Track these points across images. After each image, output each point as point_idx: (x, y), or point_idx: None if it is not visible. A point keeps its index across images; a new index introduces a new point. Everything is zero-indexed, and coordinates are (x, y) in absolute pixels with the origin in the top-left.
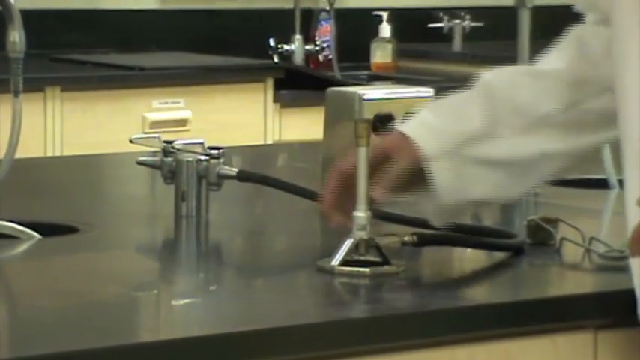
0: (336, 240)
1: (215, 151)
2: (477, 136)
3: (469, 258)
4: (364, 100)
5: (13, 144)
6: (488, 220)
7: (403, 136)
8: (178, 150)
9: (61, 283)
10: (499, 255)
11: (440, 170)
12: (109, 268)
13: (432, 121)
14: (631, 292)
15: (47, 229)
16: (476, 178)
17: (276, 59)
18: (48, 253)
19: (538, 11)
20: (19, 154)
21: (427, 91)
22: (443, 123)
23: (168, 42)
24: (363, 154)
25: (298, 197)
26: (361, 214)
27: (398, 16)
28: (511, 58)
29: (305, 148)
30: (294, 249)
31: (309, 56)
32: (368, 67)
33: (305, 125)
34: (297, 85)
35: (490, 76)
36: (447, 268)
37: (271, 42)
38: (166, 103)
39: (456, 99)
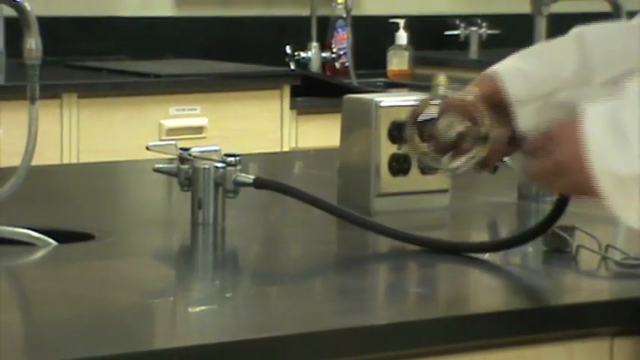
0: (349, 247)
1: (231, 158)
2: (566, 83)
3: (485, 265)
4: (381, 107)
5: (29, 151)
6: (505, 228)
7: (492, 79)
8: (195, 157)
9: (77, 290)
10: (516, 262)
11: (525, 114)
12: (125, 275)
13: (521, 65)
14: None
15: (63, 236)
16: None
17: (292, 66)
18: (64, 260)
19: (554, 19)
20: (36, 161)
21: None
22: (533, 68)
23: (185, 49)
24: None
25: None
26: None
27: (414, 23)
28: None
29: (321, 155)
30: (310, 256)
31: (326, 63)
32: (384, 75)
33: (321, 132)
34: (314, 92)
35: (581, 28)
36: (463, 275)
37: (288, 49)
38: (183, 110)
39: (546, 46)
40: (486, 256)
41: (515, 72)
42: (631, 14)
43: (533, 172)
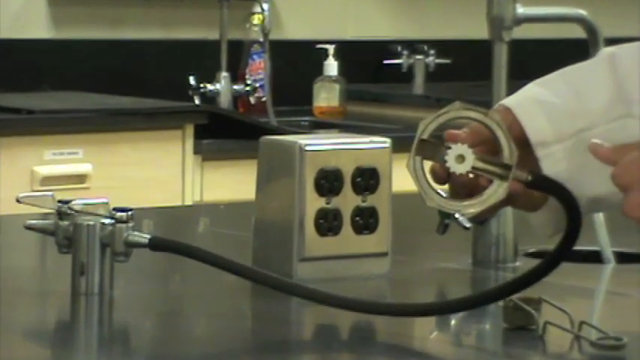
0: (267, 323)
1: (122, 214)
2: (600, 117)
3: (433, 345)
4: (306, 151)
5: None
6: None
7: (507, 113)
8: (76, 211)
9: None
10: (470, 342)
11: (549, 157)
12: None
13: (543, 95)
14: None
15: None
16: (595, 167)
17: (197, 101)
18: None
19: (518, 46)
20: None
21: (382, 141)
22: (557, 99)
23: (64, 79)
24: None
25: (222, 271)
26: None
27: (347, 49)
28: (485, 103)
29: (233, 210)
30: (218, 334)
31: (238, 98)
32: (310, 112)
33: (232, 182)
34: (223, 133)
35: (614, 48)
36: (405, 357)
37: (192, 80)
38: (61, 154)
39: (571, 72)
40: (434, 334)
41: (536, 105)
42: (610, 41)
43: (631, 208)
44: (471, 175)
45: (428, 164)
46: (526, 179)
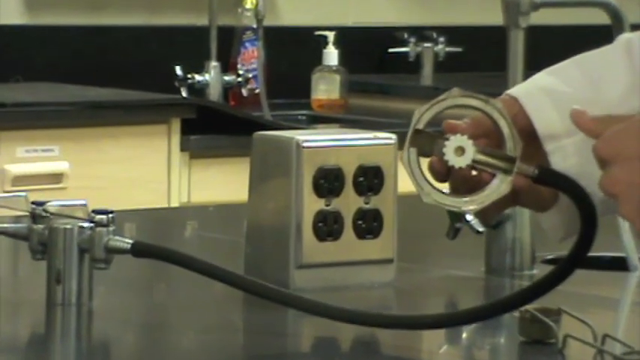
0: (261, 336)
1: (102, 216)
2: (615, 107)
3: (441, 359)
4: (304, 148)
5: None
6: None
7: (513, 103)
8: (52, 214)
9: None
10: (483, 357)
11: (559, 151)
12: None
13: (554, 86)
14: None
15: None
16: None
17: (184, 93)
18: None
19: (536, 32)
20: None
21: (387, 137)
22: (569, 89)
23: (38, 69)
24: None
25: (211, 279)
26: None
27: (348, 37)
28: (499, 95)
29: (223, 212)
30: (207, 348)
31: (229, 90)
32: (308, 106)
33: (223, 182)
34: (213, 128)
35: (630, 35)
36: None
37: (178, 70)
38: (35, 151)
39: (585, 59)
40: (444, 348)
41: (545, 95)
42: (636, 28)
43: (608, 183)
44: (474, 172)
45: (427, 159)
46: (532, 173)
